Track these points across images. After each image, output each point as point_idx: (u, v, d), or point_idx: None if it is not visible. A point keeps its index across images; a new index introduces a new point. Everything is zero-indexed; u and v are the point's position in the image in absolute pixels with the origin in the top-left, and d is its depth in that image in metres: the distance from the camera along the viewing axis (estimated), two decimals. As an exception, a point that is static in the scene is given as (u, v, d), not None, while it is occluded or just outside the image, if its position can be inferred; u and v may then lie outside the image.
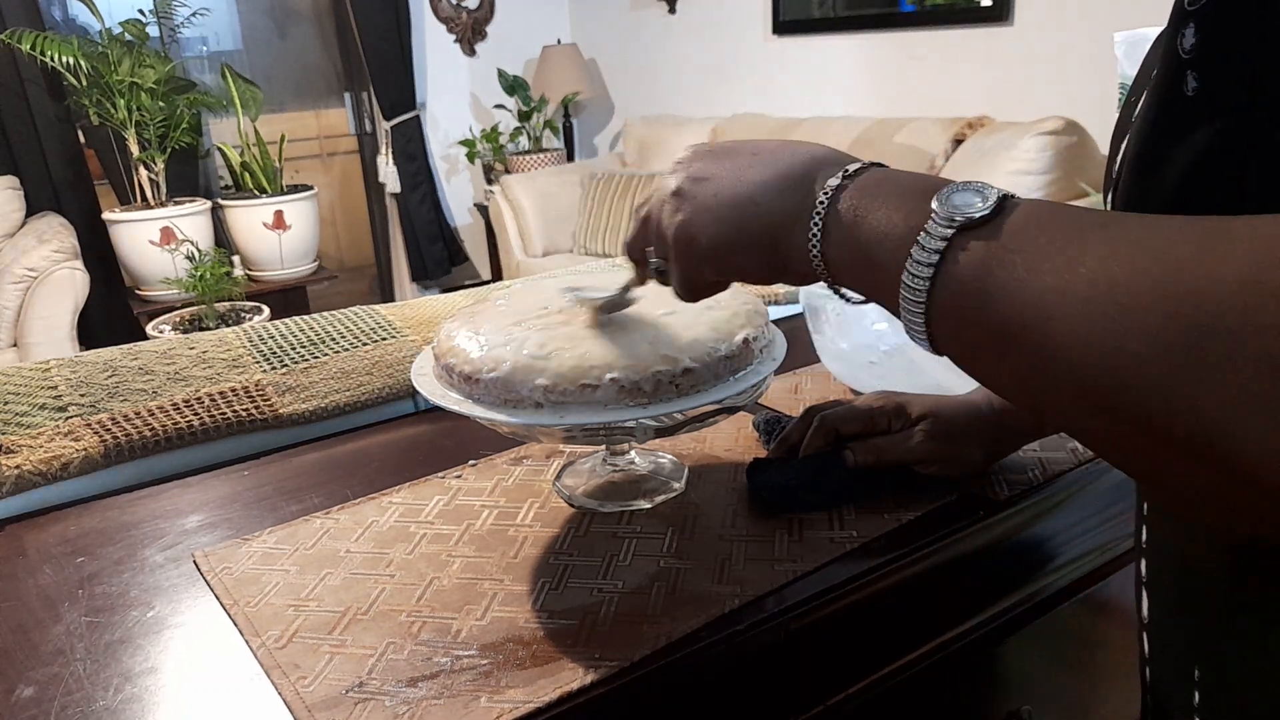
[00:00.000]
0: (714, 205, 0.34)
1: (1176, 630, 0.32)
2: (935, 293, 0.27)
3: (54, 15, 2.61)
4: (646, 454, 0.55)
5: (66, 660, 0.40)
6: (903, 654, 0.46)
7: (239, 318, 2.32)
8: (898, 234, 0.28)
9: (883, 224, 0.29)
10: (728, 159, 0.35)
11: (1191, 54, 0.24)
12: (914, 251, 0.27)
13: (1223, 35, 0.24)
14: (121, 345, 0.69)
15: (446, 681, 0.37)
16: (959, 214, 0.26)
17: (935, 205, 0.27)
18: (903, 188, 0.29)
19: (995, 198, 0.26)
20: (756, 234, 0.33)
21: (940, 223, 0.26)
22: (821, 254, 0.31)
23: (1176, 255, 0.21)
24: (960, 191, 0.27)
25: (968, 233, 0.26)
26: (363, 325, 0.74)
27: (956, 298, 0.26)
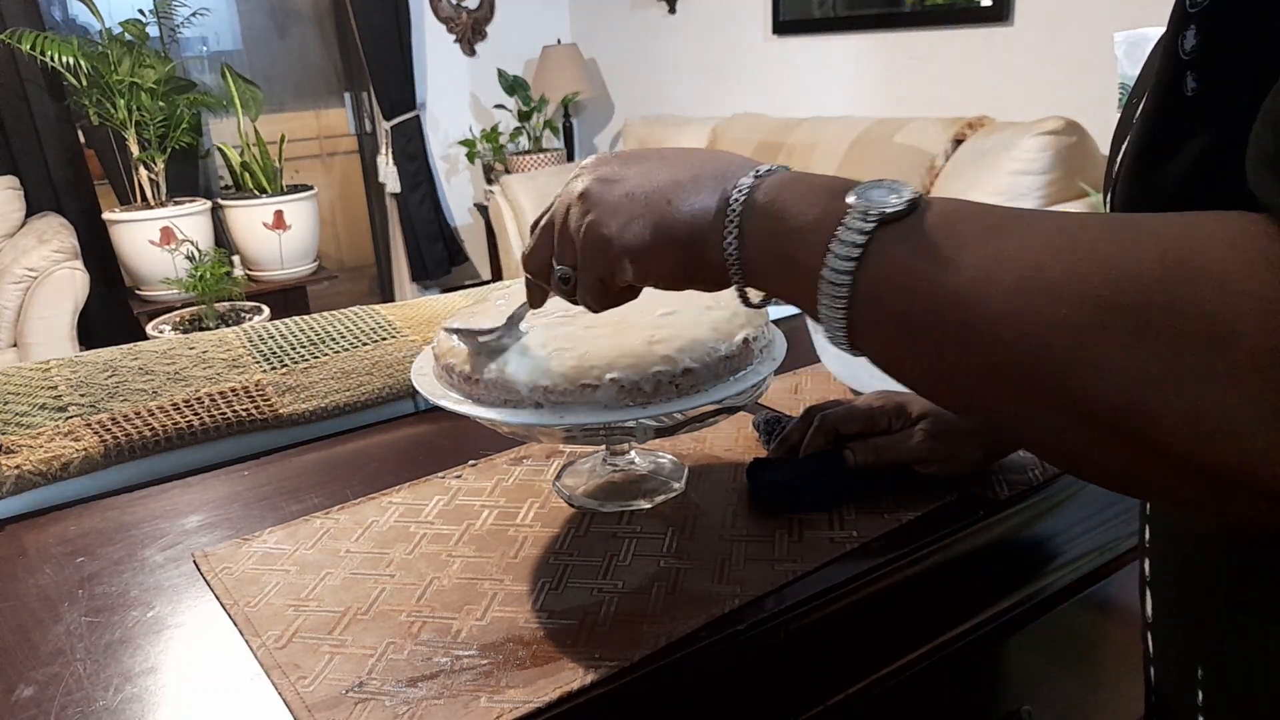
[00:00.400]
0: (626, 205, 0.33)
1: (1179, 630, 0.32)
2: (857, 287, 0.27)
3: (54, 15, 2.61)
4: (646, 454, 0.55)
5: (66, 660, 0.40)
6: (903, 654, 0.46)
7: (239, 318, 2.32)
8: (816, 229, 0.28)
9: (800, 220, 0.29)
10: (635, 162, 0.34)
11: (1192, 55, 0.24)
12: (833, 245, 0.27)
13: (1223, 36, 0.24)
14: (121, 345, 0.69)
15: (446, 681, 0.37)
16: (875, 208, 0.26)
17: (851, 200, 0.27)
18: (816, 186, 0.29)
19: (909, 194, 0.27)
20: (672, 233, 0.32)
21: (858, 216, 0.27)
22: (737, 254, 0.31)
23: (1093, 243, 0.23)
24: (875, 188, 0.27)
25: (887, 226, 0.26)
26: (363, 325, 0.74)
27: (879, 291, 0.26)
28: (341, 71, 3.14)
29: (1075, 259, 0.22)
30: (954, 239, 0.25)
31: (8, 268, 2.20)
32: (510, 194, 2.84)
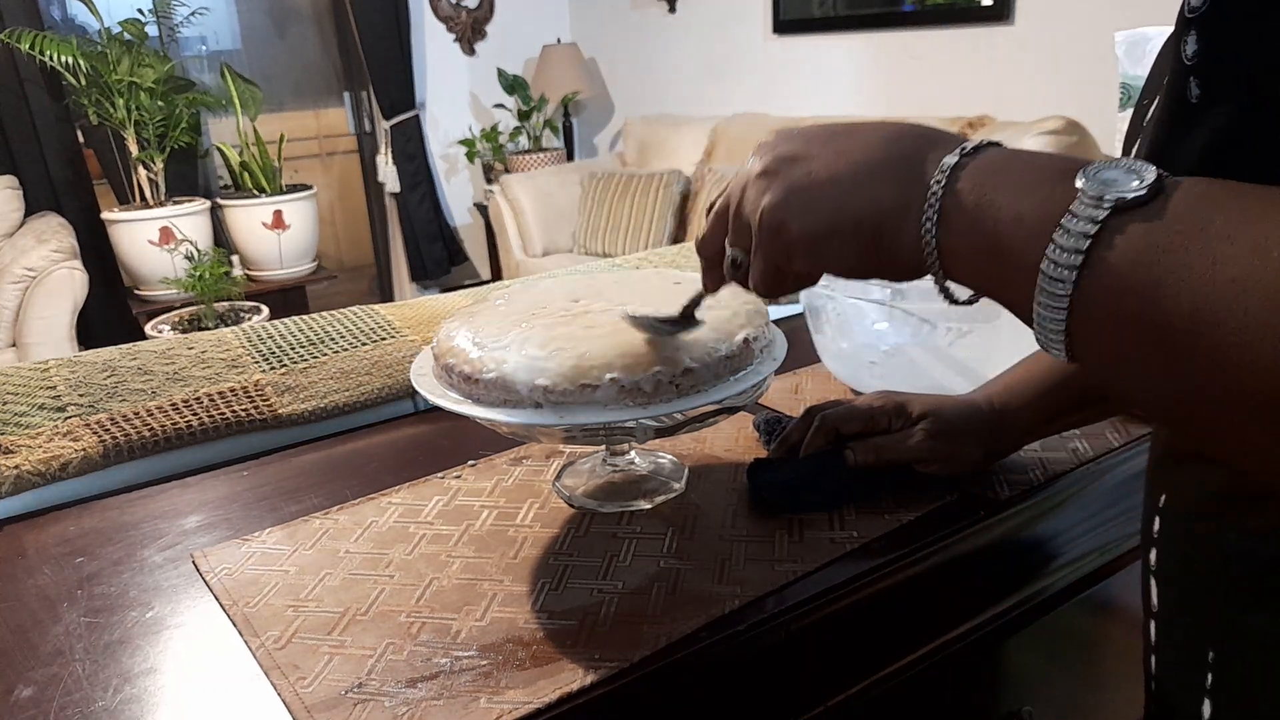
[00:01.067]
0: (809, 186, 0.30)
1: (1188, 616, 0.31)
2: (1083, 285, 0.23)
3: (53, 15, 2.60)
4: (646, 454, 0.55)
5: (65, 661, 0.40)
6: (903, 654, 0.46)
7: (238, 318, 2.32)
8: (1035, 217, 0.24)
9: (1015, 207, 0.25)
10: (820, 138, 0.31)
11: (1193, 61, 0.24)
12: (1057, 236, 0.23)
13: (1222, 41, 0.23)
14: (120, 345, 0.69)
15: (446, 682, 0.36)
16: (1111, 193, 0.22)
17: (1082, 183, 0.23)
18: (1035, 166, 0.26)
19: (1153, 175, 0.22)
20: (859, 220, 0.29)
21: (1089, 202, 0.23)
22: (937, 244, 0.27)
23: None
24: (1110, 168, 0.23)
25: (1125, 215, 0.22)
26: (362, 325, 0.73)
27: (1111, 291, 0.22)
28: (341, 71, 3.14)
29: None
30: (1210, 231, 0.21)
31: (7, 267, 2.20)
32: (510, 193, 2.84)
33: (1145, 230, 0.22)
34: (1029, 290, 0.24)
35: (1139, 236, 0.22)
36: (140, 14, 2.49)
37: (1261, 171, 0.23)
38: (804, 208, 0.30)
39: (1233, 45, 0.23)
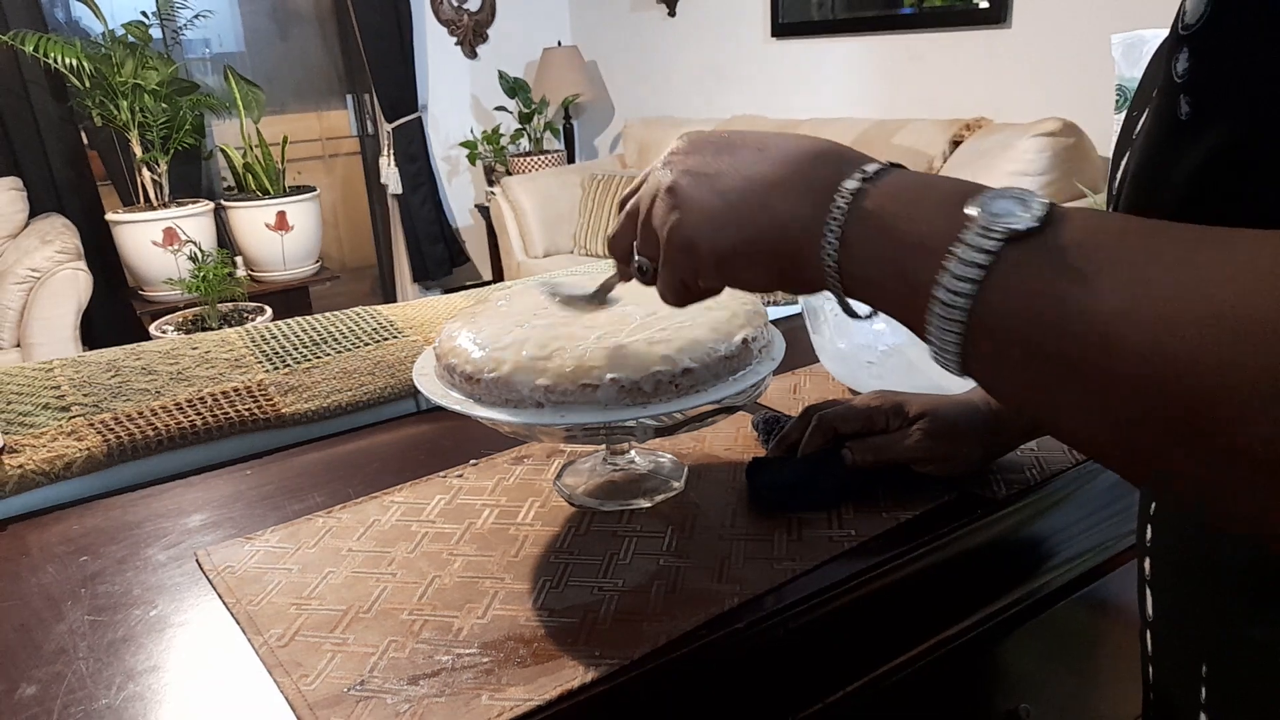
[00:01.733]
0: (717, 208, 0.30)
1: (1182, 628, 0.31)
2: (975, 311, 0.24)
3: (57, 17, 2.62)
4: (646, 453, 0.55)
5: (69, 659, 0.40)
6: (901, 652, 0.46)
7: (241, 318, 2.32)
8: (931, 244, 0.25)
9: (912, 232, 0.26)
10: (730, 153, 0.31)
11: (1185, 78, 0.24)
12: (951, 265, 0.24)
13: (1215, 60, 0.23)
14: (124, 345, 0.69)
15: (448, 679, 0.37)
16: (1001, 223, 0.23)
17: (972, 212, 0.24)
18: (933, 192, 0.26)
19: (1041, 207, 0.23)
20: (765, 240, 0.29)
21: (979, 232, 0.23)
22: (838, 265, 0.28)
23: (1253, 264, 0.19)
24: (1001, 198, 0.24)
25: (1016, 245, 0.23)
26: (365, 325, 0.74)
27: (1002, 317, 0.23)
28: (343, 73, 3.15)
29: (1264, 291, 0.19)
30: (1100, 259, 0.22)
31: (11, 268, 2.20)
32: (511, 195, 2.85)
33: (1034, 261, 0.23)
34: (924, 312, 0.25)
35: (1028, 267, 0.23)
36: (144, 16, 2.50)
37: (1253, 190, 0.23)
38: (711, 227, 0.30)
39: (1226, 64, 0.23)
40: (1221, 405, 0.19)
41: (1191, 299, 0.20)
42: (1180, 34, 0.24)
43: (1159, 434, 0.21)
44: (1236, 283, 0.20)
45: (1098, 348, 0.21)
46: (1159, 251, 0.21)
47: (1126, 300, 0.21)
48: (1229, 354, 0.19)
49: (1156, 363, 0.20)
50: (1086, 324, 0.21)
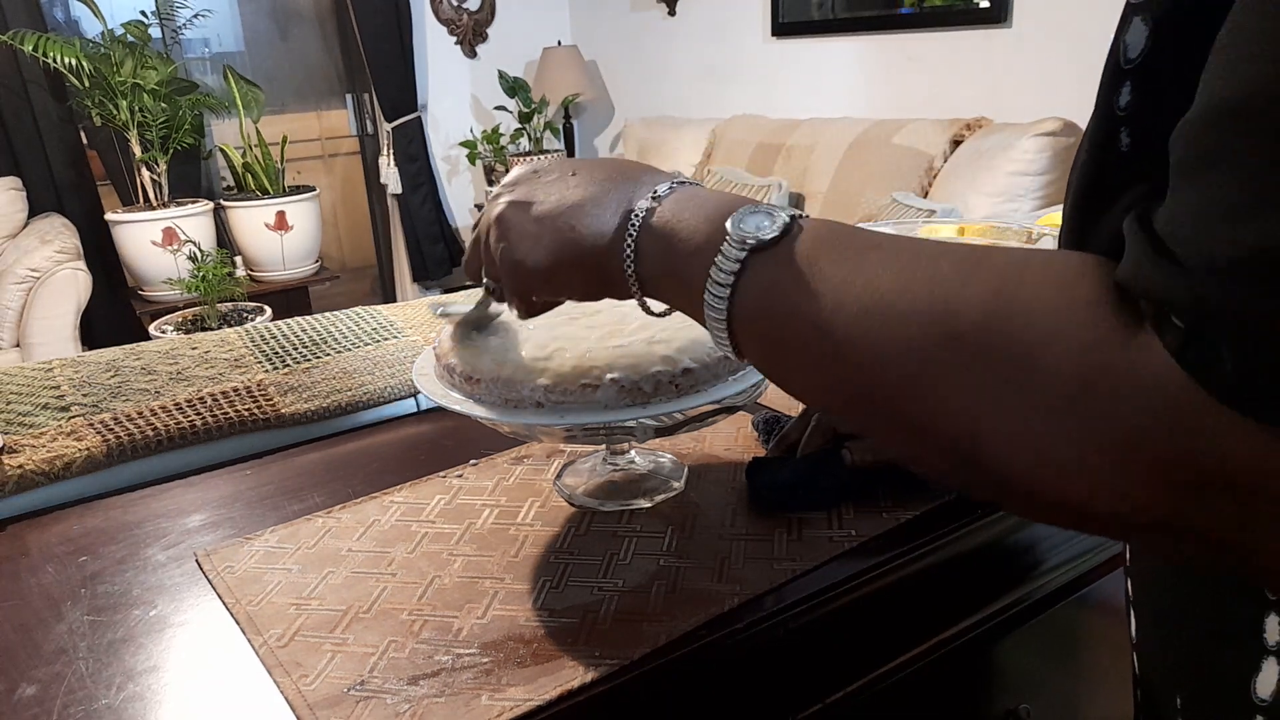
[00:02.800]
0: (534, 231, 0.35)
1: (1160, 656, 0.31)
2: (734, 309, 0.29)
3: (56, 16, 2.61)
4: (646, 453, 0.55)
5: (69, 659, 0.40)
6: (901, 652, 0.46)
7: (241, 318, 2.32)
8: (699, 253, 0.30)
9: (687, 244, 0.31)
10: (549, 181, 0.36)
11: (1126, 111, 0.24)
12: (712, 271, 0.29)
13: (1157, 92, 0.24)
14: (124, 345, 0.69)
15: (448, 680, 0.37)
16: (750, 236, 0.28)
17: (729, 227, 0.29)
18: (706, 208, 0.31)
19: (783, 220, 0.28)
20: (576, 255, 0.34)
21: (734, 245, 0.28)
22: (635, 272, 0.33)
23: (937, 273, 0.24)
24: (753, 214, 0.29)
25: (759, 254, 0.28)
26: (364, 325, 0.74)
27: (752, 314, 0.28)
28: (343, 73, 3.14)
29: (917, 286, 0.24)
30: (816, 266, 0.27)
31: (10, 268, 2.20)
32: (511, 195, 2.84)
33: (771, 268, 0.28)
34: (700, 311, 0.30)
35: (765, 272, 0.28)
36: (143, 16, 2.50)
37: None
38: (531, 247, 0.35)
39: (1168, 97, 0.23)
40: (883, 382, 0.25)
41: (869, 293, 0.25)
42: (1122, 67, 0.24)
43: (862, 404, 0.26)
44: (897, 277, 0.25)
45: (816, 339, 0.26)
46: (865, 257, 0.26)
47: (834, 298, 0.26)
48: (883, 335, 0.24)
49: (852, 349, 0.25)
50: (806, 317, 0.26)
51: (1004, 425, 0.22)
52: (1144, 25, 0.24)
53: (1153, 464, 0.20)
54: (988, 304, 0.23)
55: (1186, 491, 0.20)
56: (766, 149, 2.41)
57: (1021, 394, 0.22)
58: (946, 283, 0.24)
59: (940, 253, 0.25)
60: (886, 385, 0.25)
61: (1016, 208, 1.85)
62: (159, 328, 2.27)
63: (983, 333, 0.22)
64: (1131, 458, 0.20)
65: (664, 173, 0.35)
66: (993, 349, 0.22)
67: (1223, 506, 0.20)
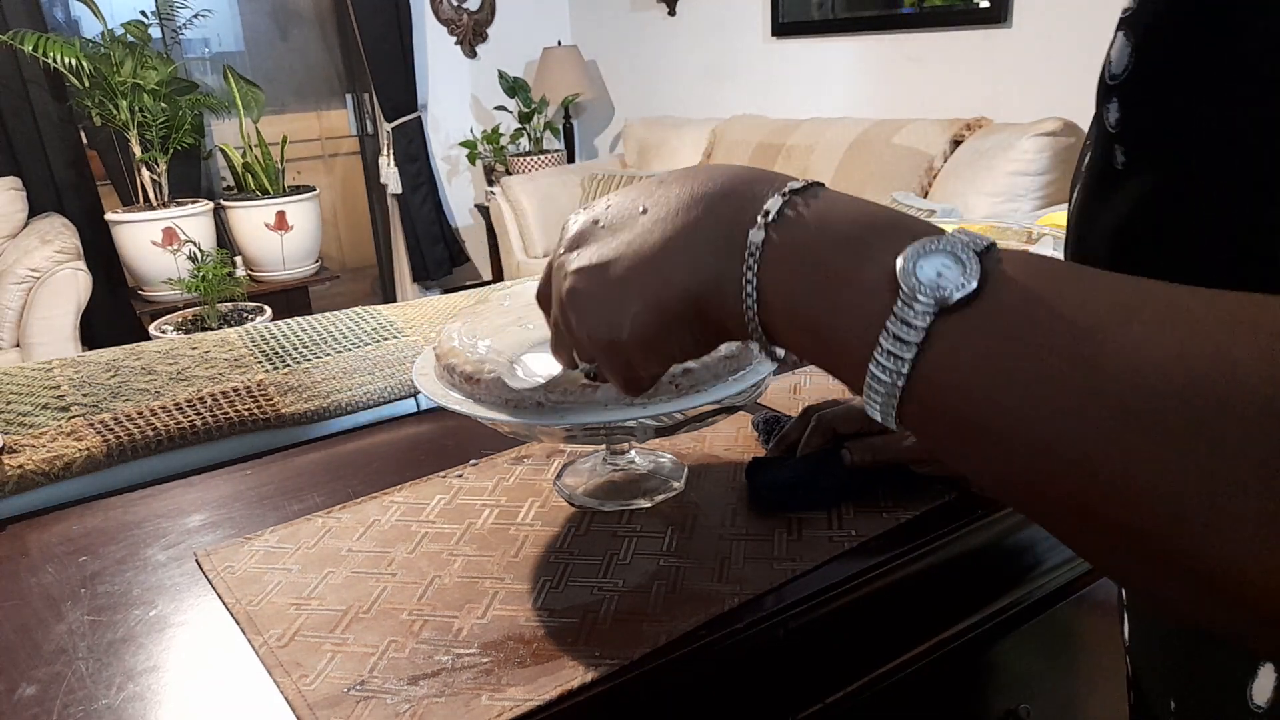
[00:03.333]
0: (619, 295, 0.28)
1: (1152, 660, 0.31)
2: (911, 386, 0.22)
3: (56, 16, 2.61)
4: (646, 453, 0.55)
5: (69, 659, 0.40)
6: (901, 652, 0.46)
7: (241, 318, 2.32)
8: (855, 307, 0.23)
9: (832, 291, 0.23)
10: (617, 228, 0.29)
11: (1117, 129, 0.24)
12: (884, 340, 0.22)
13: (1142, 110, 0.23)
14: (124, 345, 0.69)
15: (448, 680, 0.37)
16: (935, 293, 0.21)
17: (902, 278, 0.22)
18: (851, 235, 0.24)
19: (977, 268, 0.21)
20: (678, 312, 0.27)
21: (917, 304, 0.21)
22: (761, 323, 0.26)
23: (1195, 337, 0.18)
24: (931, 255, 0.22)
25: (951, 316, 0.21)
26: (364, 325, 0.74)
27: (937, 392, 0.22)
28: (343, 73, 3.14)
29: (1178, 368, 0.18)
30: (1036, 335, 0.20)
31: (10, 268, 2.20)
32: (511, 195, 2.85)
33: (973, 338, 0.21)
34: (859, 379, 0.23)
35: (964, 342, 0.21)
36: (143, 16, 2.50)
37: (1175, 242, 0.23)
38: (618, 318, 0.28)
39: (1152, 115, 0.22)
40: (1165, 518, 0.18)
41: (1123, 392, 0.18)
42: (1109, 84, 0.24)
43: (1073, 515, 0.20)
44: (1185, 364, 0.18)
45: (1026, 436, 0.20)
46: (1109, 328, 0.19)
47: (1062, 384, 0.19)
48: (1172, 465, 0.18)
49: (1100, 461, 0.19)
50: (1021, 402, 0.20)
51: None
52: (1127, 41, 0.23)
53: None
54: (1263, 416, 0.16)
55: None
56: (766, 149, 2.41)
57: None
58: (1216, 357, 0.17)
59: (1233, 316, 0.18)
60: (1141, 512, 0.18)
61: (1016, 208, 1.85)
62: (159, 328, 2.27)
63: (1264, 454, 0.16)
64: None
65: (762, 175, 0.27)
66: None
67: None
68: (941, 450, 0.23)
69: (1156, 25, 0.22)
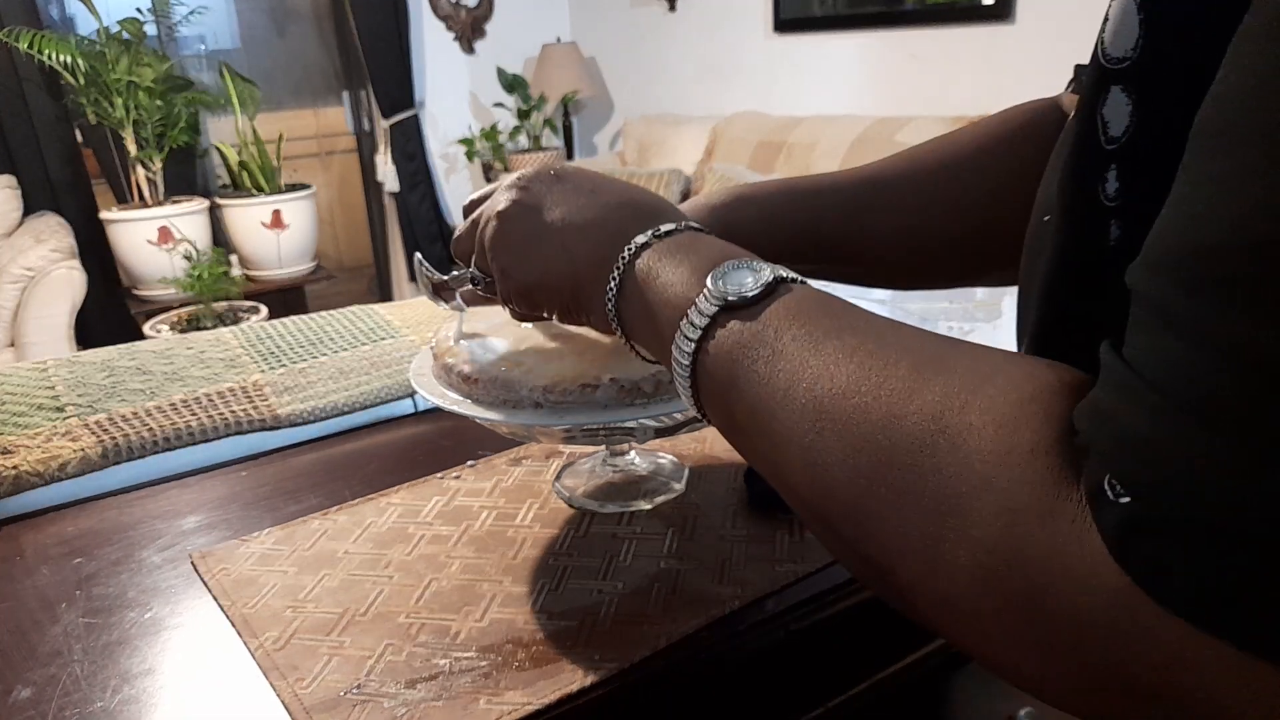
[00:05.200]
0: (529, 239, 0.33)
1: None
2: (697, 367, 0.27)
3: (51, 14, 2.60)
4: (646, 454, 0.55)
5: (64, 661, 0.40)
6: (904, 656, 0.46)
7: (236, 317, 2.32)
8: (676, 303, 0.28)
9: (666, 291, 0.28)
10: (564, 193, 0.33)
11: (1117, 200, 0.21)
12: (682, 325, 0.27)
13: (1151, 178, 0.20)
14: (119, 345, 0.69)
15: (445, 683, 0.36)
16: (729, 293, 0.26)
17: (709, 281, 0.26)
18: (698, 255, 0.28)
19: (766, 280, 0.26)
20: (561, 279, 0.32)
21: (711, 299, 0.26)
22: (616, 312, 0.31)
23: (890, 379, 0.21)
24: (739, 269, 0.26)
25: (731, 312, 0.26)
26: (361, 325, 0.73)
27: (711, 377, 0.26)
28: (340, 70, 3.13)
29: (866, 390, 0.22)
30: (780, 339, 0.24)
31: (5, 267, 2.19)
32: (509, 193, 2.83)
33: (737, 329, 0.25)
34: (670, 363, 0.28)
35: (731, 334, 0.25)
36: (139, 13, 2.48)
37: None
38: (521, 259, 0.33)
39: (1164, 183, 0.20)
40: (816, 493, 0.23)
41: (818, 389, 0.23)
42: (1105, 149, 0.21)
43: (796, 504, 0.24)
44: (854, 378, 0.22)
45: (765, 420, 0.24)
46: (827, 341, 0.23)
47: (787, 381, 0.24)
48: (821, 443, 0.22)
49: (793, 446, 0.23)
50: (759, 395, 0.24)
51: (925, 582, 0.20)
52: (1125, 98, 0.21)
53: (1072, 664, 0.18)
54: (926, 434, 0.20)
55: (1109, 695, 0.17)
56: (768, 147, 2.41)
57: (937, 551, 0.19)
58: (895, 394, 0.21)
59: (904, 351, 0.22)
60: (818, 496, 0.23)
61: (1016, 206, 1.85)
62: (154, 327, 2.26)
63: (913, 469, 0.20)
64: (1049, 653, 0.18)
65: (683, 214, 0.32)
66: (923, 492, 0.20)
67: (1157, 715, 0.17)
68: (723, 433, 0.28)
69: (1161, 78, 0.20)
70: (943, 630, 0.21)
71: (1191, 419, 0.16)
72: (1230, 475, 0.15)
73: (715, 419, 0.28)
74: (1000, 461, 0.19)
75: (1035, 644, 0.18)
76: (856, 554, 0.22)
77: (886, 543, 0.21)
